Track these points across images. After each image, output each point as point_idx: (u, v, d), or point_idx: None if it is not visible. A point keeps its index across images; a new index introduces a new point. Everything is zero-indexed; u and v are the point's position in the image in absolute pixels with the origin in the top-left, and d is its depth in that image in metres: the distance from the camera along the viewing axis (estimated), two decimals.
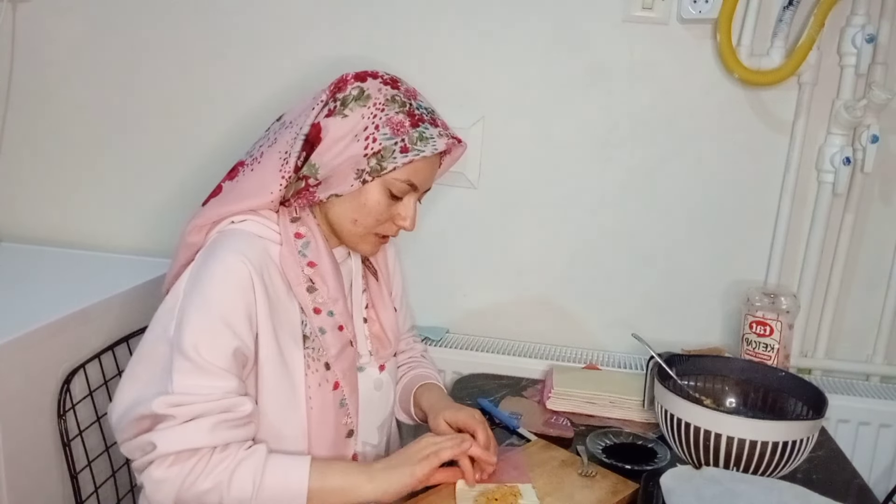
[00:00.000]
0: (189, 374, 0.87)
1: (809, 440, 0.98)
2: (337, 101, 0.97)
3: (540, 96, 1.46)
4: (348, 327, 1.02)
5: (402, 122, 0.97)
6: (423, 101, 1.02)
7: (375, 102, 0.97)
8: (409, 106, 0.98)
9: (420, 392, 1.17)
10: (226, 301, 0.91)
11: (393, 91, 0.99)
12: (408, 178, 0.99)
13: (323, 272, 1.00)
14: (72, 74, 1.57)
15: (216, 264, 0.92)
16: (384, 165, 0.96)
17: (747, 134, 1.43)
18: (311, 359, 0.99)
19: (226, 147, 1.56)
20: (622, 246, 1.51)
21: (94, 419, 1.24)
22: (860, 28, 1.32)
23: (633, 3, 1.39)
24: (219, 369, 0.88)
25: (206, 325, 0.89)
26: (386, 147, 0.96)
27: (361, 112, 0.96)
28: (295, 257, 0.98)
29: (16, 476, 1.12)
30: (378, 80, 0.99)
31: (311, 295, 0.99)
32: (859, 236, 1.45)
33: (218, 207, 0.99)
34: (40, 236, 1.64)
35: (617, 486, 1.00)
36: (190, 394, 0.87)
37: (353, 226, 1.01)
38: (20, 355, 1.12)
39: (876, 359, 1.50)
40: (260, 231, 0.98)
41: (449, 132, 1.01)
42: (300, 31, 1.49)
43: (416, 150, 0.96)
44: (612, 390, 1.27)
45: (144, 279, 1.41)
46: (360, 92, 0.97)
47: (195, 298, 0.91)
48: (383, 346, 1.13)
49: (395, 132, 0.96)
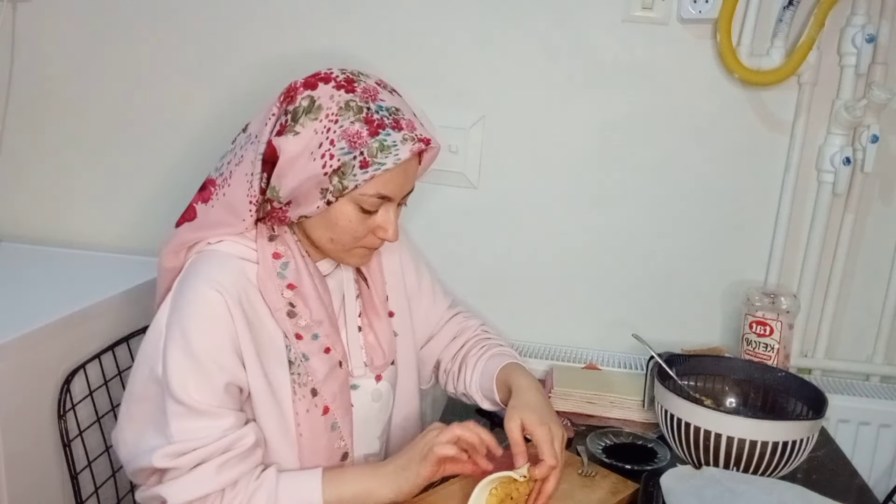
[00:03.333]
0: (184, 418, 0.86)
1: (809, 440, 0.98)
2: (288, 115, 0.89)
3: (540, 96, 1.46)
4: (336, 348, 0.98)
5: (359, 132, 0.87)
6: (384, 100, 0.91)
7: (328, 113, 0.88)
8: (366, 111, 0.88)
9: (504, 377, 1.08)
10: (205, 337, 0.88)
11: (347, 96, 0.89)
12: (377, 192, 0.91)
13: (304, 294, 0.95)
14: (71, 74, 1.57)
15: (192, 296, 0.89)
16: (345, 184, 0.88)
17: (747, 134, 1.43)
18: (297, 384, 0.95)
19: (225, 147, 1.55)
20: (622, 246, 1.51)
21: (95, 419, 1.23)
22: (860, 28, 1.32)
23: (633, 3, 1.39)
24: (213, 408, 0.87)
25: (191, 364, 0.87)
26: (345, 163, 0.87)
27: (314, 126, 0.87)
28: (273, 280, 0.93)
29: (16, 476, 1.12)
30: (330, 85, 0.89)
31: (293, 320, 0.94)
32: (859, 236, 1.45)
33: (192, 232, 0.95)
34: (40, 236, 1.64)
35: (617, 486, 1.00)
36: (189, 439, 0.85)
37: (332, 244, 0.96)
38: (20, 355, 1.12)
39: (876, 359, 1.50)
40: (237, 251, 0.94)
41: (416, 133, 0.91)
42: (299, 29, 1.49)
43: (376, 164, 0.88)
44: (612, 390, 1.27)
45: (144, 279, 1.41)
46: (310, 103, 0.88)
47: (176, 335, 0.88)
48: (378, 355, 1.06)
49: (353, 145, 0.87)
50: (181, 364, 0.87)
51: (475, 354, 1.16)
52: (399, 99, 0.95)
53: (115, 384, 1.28)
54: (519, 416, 0.96)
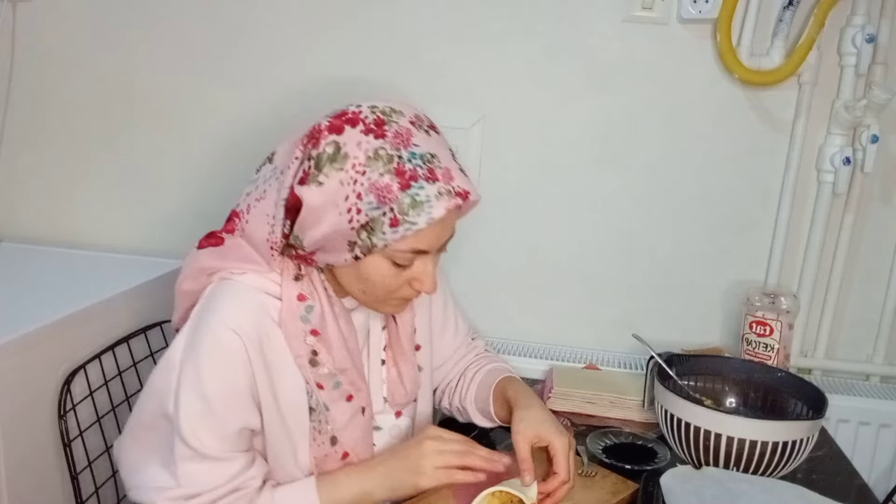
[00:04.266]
0: (193, 461, 0.84)
1: (809, 440, 0.98)
2: (311, 161, 0.81)
3: (540, 96, 1.46)
4: (359, 395, 0.93)
5: (389, 185, 0.79)
6: (419, 144, 0.82)
7: (354, 163, 0.80)
8: (396, 161, 0.80)
9: (500, 389, 1.06)
10: (221, 382, 0.85)
11: (376, 143, 0.80)
12: (411, 248, 0.83)
13: (328, 340, 0.90)
14: (72, 74, 1.57)
15: (209, 336, 0.85)
16: (374, 241, 0.81)
17: (747, 134, 1.43)
18: (316, 431, 0.91)
19: (225, 146, 1.56)
20: (622, 246, 1.51)
21: (95, 419, 1.23)
22: (860, 28, 1.32)
23: (633, 3, 1.39)
24: (224, 453, 0.85)
25: (204, 409, 0.84)
26: (374, 219, 0.80)
27: (339, 177, 0.80)
28: (296, 324, 0.88)
29: (16, 476, 1.12)
30: (358, 129, 0.81)
31: (314, 369, 0.89)
32: (859, 236, 1.45)
33: (215, 260, 0.91)
34: (40, 236, 1.64)
35: (617, 486, 1.00)
36: (197, 484, 0.84)
37: (363, 295, 0.90)
38: (20, 355, 1.12)
39: (876, 359, 1.50)
40: (260, 284, 0.89)
41: (453, 185, 0.82)
42: (298, 27, 1.48)
43: (407, 224, 0.80)
44: (612, 390, 1.27)
45: (145, 279, 1.41)
46: (335, 150, 0.80)
47: (190, 376, 0.85)
48: (399, 393, 1.01)
49: (382, 200, 0.79)
50: (194, 408, 0.84)
51: (473, 368, 1.15)
52: (436, 140, 0.85)
53: (115, 384, 1.28)
54: (532, 429, 0.93)
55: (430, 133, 0.85)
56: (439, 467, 0.88)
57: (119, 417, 1.29)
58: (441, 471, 0.88)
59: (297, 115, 1.51)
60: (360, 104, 0.84)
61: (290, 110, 1.51)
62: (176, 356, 0.87)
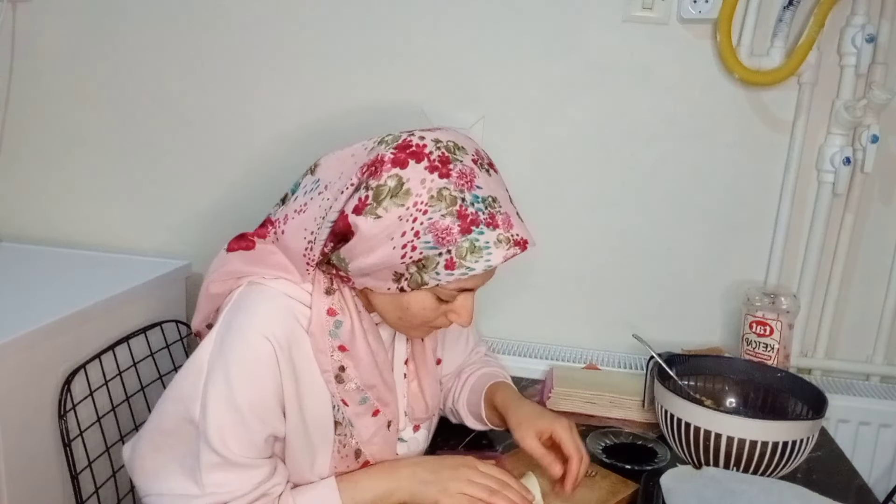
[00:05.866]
0: (220, 469, 0.84)
1: (809, 440, 0.98)
2: (369, 191, 0.79)
3: (540, 96, 1.46)
4: (386, 410, 0.93)
5: (449, 227, 0.78)
6: (481, 187, 0.81)
7: (417, 202, 0.78)
8: (460, 203, 0.79)
9: (491, 394, 1.07)
10: (251, 389, 0.83)
11: (441, 182, 0.79)
12: (460, 287, 0.84)
13: (356, 357, 0.89)
14: (72, 74, 1.57)
15: (240, 341, 0.84)
16: (425, 280, 0.81)
17: (747, 134, 1.43)
18: (341, 444, 0.91)
19: (223, 145, 1.56)
20: (622, 246, 1.51)
21: (95, 419, 1.23)
22: (860, 28, 1.32)
23: (633, 3, 1.39)
24: (250, 460, 0.84)
25: (233, 416, 0.83)
26: (428, 257, 0.79)
27: (398, 213, 0.78)
28: (325, 338, 0.87)
29: (16, 476, 1.12)
30: (422, 165, 0.79)
31: (341, 385, 0.89)
32: (859, 236, 1.45)
33: (246, 265, 0.89)
34: (40, 236, 1.64)
35: (617, 486, 1.00)
36: (220, 492, 0.84)
37: (399, 322, 0.90)
38: (20, 355, 1.12)
39: (876, 359, 1.50)
40: (291, 291, 0.87)
41: (512, 234, 0.82)
42: (297, 26, 1.48)
43: (464, 268, 0.79)
44: (612, 390, 1.27)
45: (145, 279, 1.41)
46: (397, 184, 0.78)
47: (219, 382, 0.83)
48: (419, 408, 1.01)
49: (440, 241, 0.78)
50: (222, 414, 0.83)
51: (467, 372, 1.16)
52: (496, 180, 0.85)
53: (115, 384, 1.28)
54: (531, 427, 0.96)
55: (491, 172, 0.85)
56: (465, 495, 0.88)
57: (119, 417, 1.29)
58: (466, 498, 0.88)
59: (294, 113, 1.52)
60: (424, 135, 0.83)
61: (287, 109, 1.51)
62: (203, 360, 0.85)
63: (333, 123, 1.50)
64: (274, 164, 1.54)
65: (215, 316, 0.91)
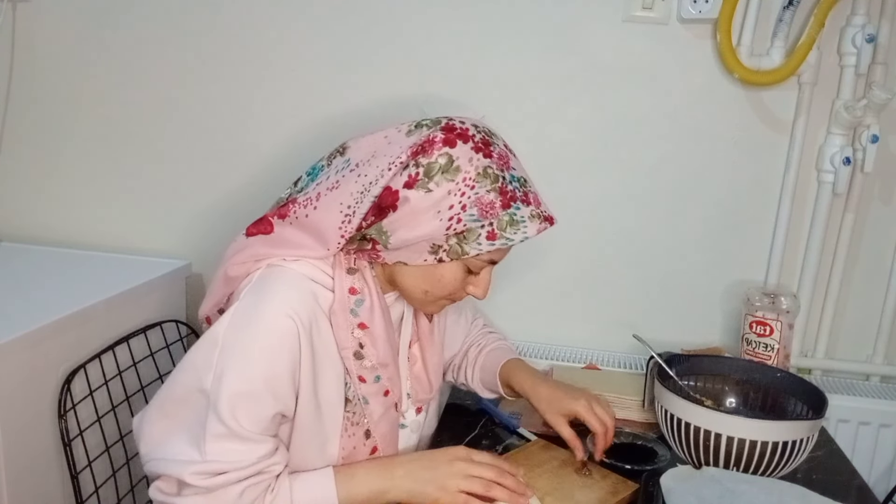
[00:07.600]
0: (223, 439, 0.84)
1: (809, 440, 0.98)
2: (420, 168, 0.86)
3: (540, 96, 1.46)
4: (395, 390, 0.97)
5: (493, 202, 0.86)
6: (515, 168, 0.91)
7: (465, 177, 0.86)
8: (501, 181, 0.87)
9: (505, 376, 1.14)
10: (270, 365, 0.85)
11: (485, 161, 0.87)
12: (490, 258, 0.91)
13: (374, 335, 0.93)
14: (71, 74, 1.57)
15: (263, 317, 0.86)
16: (466, 249, 0.88)
17: (747, 134, 1.43)
18: (349, 422, 0.94)
19: (223, 145, 1.56)
20: (622, 246, 1.51)
21: (95, 419, 1.24)
22: (860, 28, 1.32)
23: (633, 3, 1.39)
24: (256, 435, 0.85)
25: (247, 389, 0.84)
26: (471, 229, 0.87)
27: (448, 187, 0.85)
28: (346, 316, 0.91)
29: (16, 476, 1.12)
30: (469, 146, 0.87)
31: (359, 362, 0.92)
32: (859, 236, 1.45)
33: (266, 247, 0.92)
34: (40, 236, 1.64)
35: (617, 486, 1.00)
36: (222, 461, 0.84)
37: (424, 295, 0.94)
38: (20, 355, 1.12)
39: (876, 359, 1.50)
40: (312, 273, 0.91)
41: (542, 210, 0.90)
42: (298, 26, 1.49)
43: (504, 239, 0.87)
44: (612, 390, 1.27)
45: (145, 279, 1.41)
46: (448, 162, 0.86)
47: (237, 355, 0.85)
48: (423, 388, 1.05)
49: (484, 214, 0.86)
50: (235, 387, 0.84)
51: (475, 349, 1.22)
52: (521, 165, 0.94)
53: (115, 384, 1.28)
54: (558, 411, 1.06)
55: (516, 157, 0.94)
56: (462, 491, 0.90)
57: (119, 417, 1.29)
58: (463, 495, 0.90)
59: (293, 113, 1.52)
60: (464, 120, 0.90)
61: (285, 109, 1.51)
62: (219, 334, 0.87)
63: (333, 123, 1.50)
64: (274, 164, 1.54)
65: (228, 301, 0.93)
